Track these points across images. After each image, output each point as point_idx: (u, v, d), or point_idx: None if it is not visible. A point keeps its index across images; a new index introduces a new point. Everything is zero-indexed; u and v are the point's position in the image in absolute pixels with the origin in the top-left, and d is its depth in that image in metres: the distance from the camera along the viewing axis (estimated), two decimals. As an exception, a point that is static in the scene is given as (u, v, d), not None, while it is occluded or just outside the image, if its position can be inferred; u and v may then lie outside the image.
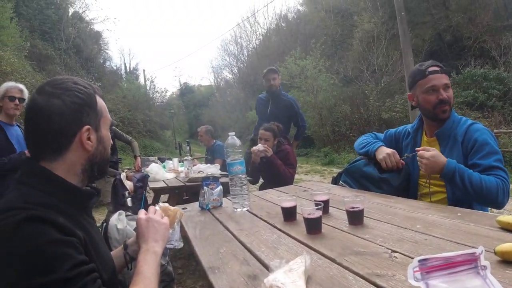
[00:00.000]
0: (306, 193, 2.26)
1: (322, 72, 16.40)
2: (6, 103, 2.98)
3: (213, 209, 2.07)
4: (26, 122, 0.97)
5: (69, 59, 18.02)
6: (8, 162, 2.87)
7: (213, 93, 40.21)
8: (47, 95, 0.94)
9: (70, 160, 0.97)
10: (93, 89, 1.04)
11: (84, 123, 0.97)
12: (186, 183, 3.53)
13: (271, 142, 3.56)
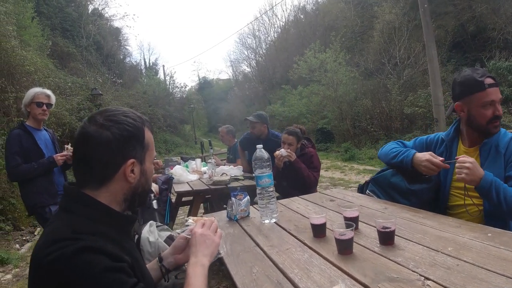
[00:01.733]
0: (333, 204, 2.26)
1: (342, 65, 16.19)
2: (34, 108, 3.06)
3: (240, 220, 2.11)
4: (75, 148, 1.02)
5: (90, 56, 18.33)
6: (38, 166, 2.97)
7: (231, 87, 40.32)
8: (97, 126, 0.98)
9: (113, 189, 1.01)
10: (142, 122, 1.07)
11: (129, 156, 1.01)
12: (210, 186, 3.57)
13: (294, 146, 3.55)
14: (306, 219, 1.96)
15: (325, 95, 16.47)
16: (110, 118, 1.00)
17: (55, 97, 9.01)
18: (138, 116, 1.08)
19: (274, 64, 30.75)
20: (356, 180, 8.10)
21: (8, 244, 5.73)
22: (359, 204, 2.13)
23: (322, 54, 17.41)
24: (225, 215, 2.22)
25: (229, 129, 5.54)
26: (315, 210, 2.14)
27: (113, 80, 20.27)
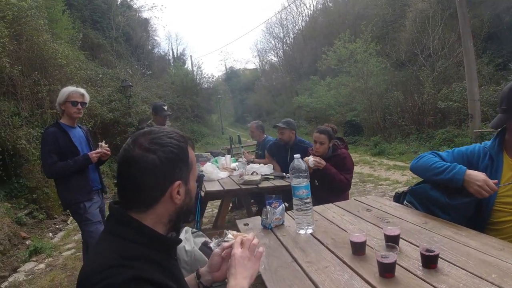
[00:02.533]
0: (370, 215, 2.20)
1: (372, 56, 15.75)
2: (69, 107, 3.10)
3: (275, 228, 2.10)
4: (120, 172, 1.01)
5: (120, 47, 18.61)
6: (73, 164, 3.03)
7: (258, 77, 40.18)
8: (142, 149, 0.97)
9: (159, 212, 1.02)
10: (185, 141, 1.07)
11: (176, 179, 1.01)
12: (241, 186, 3.57)
13: (326, 145, 3.49)
14: (343, 231, 1.93)
15: (355, 86, 16.06)
16: (155, 141, 1.00)
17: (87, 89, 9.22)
18: (181, 136, 1.07)
19: (302, 54, 30.32)
20: (386, 177, 7.93)
21: (41, 233, 5.97)
22: (397, 216, 2.09)
23: (352, 44, 16.99)
24: (258, 221, 2.22)
25: (259, 124, 5.52)
26: (352, 221, 2.11)
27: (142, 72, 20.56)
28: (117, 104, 11.60)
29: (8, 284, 4.08)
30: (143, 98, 14.55)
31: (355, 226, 2.01)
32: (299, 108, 23.58)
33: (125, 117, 11.63)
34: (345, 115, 17.40)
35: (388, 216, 2.11)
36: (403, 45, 15.88)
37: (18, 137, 6.13)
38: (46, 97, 7.10)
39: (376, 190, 6.74)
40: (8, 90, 6.41)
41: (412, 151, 10.65)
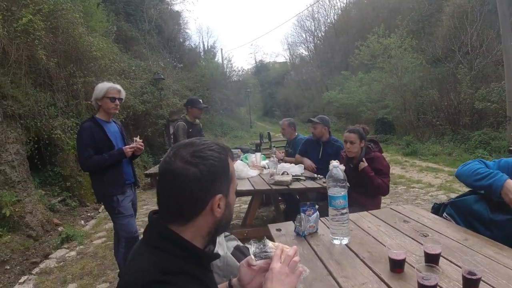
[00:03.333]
0: (408, 227, 2.09)
1: (407, 51, 15.22)
2: (107, 103, 3.16)
3: (309, 236, 2.04)
4: (161, 185, 1.01)
5: (152, 40, 18.81)
6: (109, 158, 3.09)
7: (287, 70, 39.83)
8: (184, 162, 0.96)
9: (199, 225, 1.01)
10: (226, 153, 1.05)
11: (217, 192, 1.00)
12: (272, 186, 3.51)
13: (357, 144, 3.41)
14: (380, 245, 1.85)
15: (388, 83, 15.56)
16: (196, 154, 0.98)
17: (120, 81, 9.37)
18: (221, 148, 1.05)
19: (333, 48, 29.75)
20: (418, 179, 7.66)
21: (73, 220, 6.15)
22: (436, 230, 1.99)
23: (386, 39, 16.49)
24: (291, 228, 2.16)
25: (291, 121, 5.46)
26: (389, 233, 2.01)
27: (174, 64, 20.78)
28: (149, 96, 11.79)
29: (40, 270, 4.21)
30: (174, 91, 14.71)
31: (392, 239, 1.92)
32: (329, 103, 23.21)
33: (156, 109, 11.81)
34: (377, 113, 16.96)
35: (426, 230, 2.01)
36: (439, 40, 15.22)
37: (53, 127, 6.33)
38: (81, 88, 7.27)
39: (408, 193, 6.53)
40: (44, 81, 6.60)
41: (446, 153, 10.26)
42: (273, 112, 38.92)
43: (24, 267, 4.33)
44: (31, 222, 5.01)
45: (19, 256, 4.51)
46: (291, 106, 35.07)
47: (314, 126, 4.48)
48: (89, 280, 3.90)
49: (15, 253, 4.51)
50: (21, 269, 4.27)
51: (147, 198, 7.73)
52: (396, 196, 6.38)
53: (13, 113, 5.43)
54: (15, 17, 5.85)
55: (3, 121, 5.24)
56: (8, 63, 5.59)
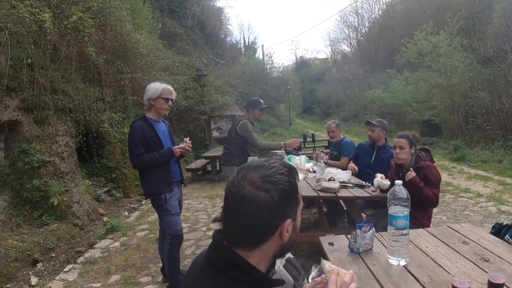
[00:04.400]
0: (468, 249, 1.94)
1: (457, 50, 14.42)
2: (161, 103, 3.21)
3: (363, 253, 1.95)
4: (230, 209, 0.98)
5: (195, 36, 19.07)
6: (158, 157, 3.14)
7: (328, 67, 39.14)
8: (255, 187, 0.94)
9: (266, 249, 0.99)
10: (294, 176, 1.02)
11: (287, 217, 0.98)
12: (319, 193, 3.39)
13: (406, 149, 3.23)
14: (441, 269, 1.72)
15: (436, 83, 14.79)
16: (267, 179, 0.96)
17: (165, 77, 9.56)
18: (289, 170, 1.02)
19: (377, 44, 28.88)
20: (466, 187, 7.24)
21: (118, 210, 6.33)
22: (497, 254, 1.84)
23: (434, 37, 15.72)
24: (345, 242, 2.08)
25: (337, 123, 5.31)
26: (448, 256, 1.87)
27: (216, 61, 21.00)
28: (191, 92, 11.97)
29: (84, 260, 4.36)
30: (216, 87, 14.85)
31: (452, 263, 1.78)
32: (372, 102, 22.55)
33: (199, 105, 11.98)
34: (423, 114, 16.23)
35: (487, 254, 1.86)
36: (490, 39, 14.30)
37: (101, 121, 6.53)
38: (128, 84, 7.46)
39: (456, 203, 6.17)
40: (93, 77, 6.80)
41: (496, 160, 9.63)
42: (313, 109, 38.43)
43: (69, 255, 4.49)
44: (77, 212, 5.20)
45: (65, 244, 4.69)
46: (331, 104, 34.47)
47: (371, 129, 4.35)
48: (132, 273, 3.98)
49: (61, 241, 4.69)
50: (66, 257, 4.44)
51: (188, 193, 7.83)
52: (444, 205, 6.05)
53: (64, 107, 5.63)
54: (65, 14, 6.05)
55: (54, 114, 5.43)
56: (59, 59, 5.78)
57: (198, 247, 4.66)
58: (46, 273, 4.08)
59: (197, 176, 9.45)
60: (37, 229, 4.70)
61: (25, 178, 4.93)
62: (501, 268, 1.55)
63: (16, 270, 3.96)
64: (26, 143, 4.96)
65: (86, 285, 3.74)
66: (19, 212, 4.79)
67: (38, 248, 4.33)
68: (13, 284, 3.79)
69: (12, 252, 4.03)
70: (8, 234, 4.34)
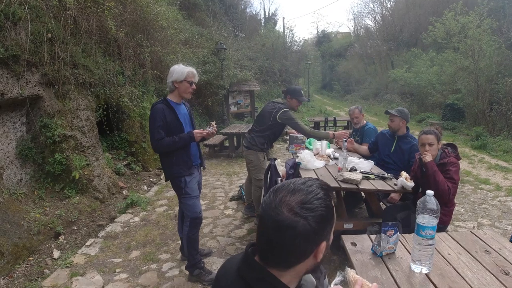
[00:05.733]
0: (490, 259, 1.92)
1: (486, 33, 13.80)
2: (186, 87, 3.17)
3: (385, 257, 1.94)
4: (267, 232, 0.98)
5: (214, 6, 18.66)
6: (179, 140, 3.13)
7: (351, 43, 38.02)
8: (293, 214, 0.93)
9: (299, 269, 1.01)
10: (331, 199, 1.01)
11: (323, 240, 0.99)
12: (340, 184, 3.35)
13: (435, 146, 3.17)
14: (462, 280, 1.72)
15: (462, 65, 14.27)
16: (305, 206, 0.95)
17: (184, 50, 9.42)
18: (326, 192, 1.00)
19: (403, 21, 27.78)
20: (486, 178, 7.08)
21: (137, 184, 6.45)
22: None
23: (464, 17, 15.06)
24: (367, 243, 2.09)
25: (360, 108, 5.19)
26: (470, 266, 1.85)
27: (235, 34, 20.64)
28: (210, 67, 11.85)
29: (105, 234, 4.48)
30: (235, 61, 14.66)
31: (473, 273, 1.77)
32: (394, 81, 22.01)
33: (217, 80, 11.86)
34: (446, 97, 15.78)
35: (508, 266, 1.86)
36: (519, 23, 13.66)
37: (121, 95, 6.55)
38: (147, 58, 7.42)
39: (475, 195, 6.07)
40: (113, 51, 6.77)
41: (517, 151, 9.36)
42: (332, 85, 37.73)
43: (91, 229, 4.62)
44: (98, 185, 5.31)
45: (86, 218, 4.82)
46: (351, 81, 33.76)
47: (391, 119, 4.23)
48: (151, 249, 4.09)
49: (83, 214, 4.82)
50: (88, 231, 4.57)
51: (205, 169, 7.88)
52: (462, 196, 5.96)
53: (84, 81, 5.65)
54: (85, -13, 5.97)
55: (74, 89, 5.46)
56: (79, 33, 5.75)
57: (216, 226, 4.76)
58: (68, 246, 4.21)
59: (214, 152, 9.51)
60: (59, 202, 4.83)
61: (47, 152, 5.03)
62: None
63: (39, 244, 4.08)
64: (47, 117, 5.02)
65: (108, 260, 3.86)
66: (41, 185, 4.92)
67: (60, 221, 4.46)
68: (35, 257, 3.92)
69: (35, 226, 4.15)
70: (30, 207, 4.46)
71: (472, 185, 6.66)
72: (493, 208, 5.42)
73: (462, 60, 14.30)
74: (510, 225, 4.78)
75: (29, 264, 3.78)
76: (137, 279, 3.49)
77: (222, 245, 4.21)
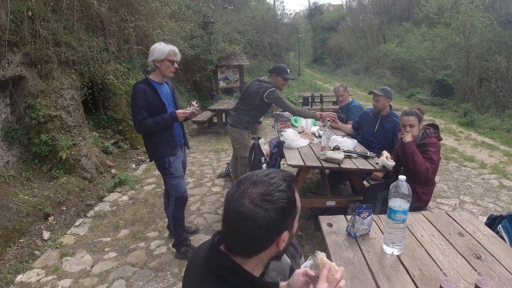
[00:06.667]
0: (463, 242, 1.97)
1: (479, 9, 13.70)
2: (167, 66, 3.12)
3: (359, 238, 2.00)
4: (229, 221, 1.02)
5: (201, -26, 18.11)
6: (162, 121, 3.12)
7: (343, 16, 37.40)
8: (254, 205, 0.96)
9: (262, 257, 1.05)
10: (293, 190, 1.04)
11: (284, 230, 1.02)
12: (322, 163, 3.40)
13: (417, 127, 3.23)
14: (432, 262, 1.77)
15: (453, 41, 14.21)
16: (266, 198, 0.98)
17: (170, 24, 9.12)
18: (289, 184, 1.04)
19: (397, -6, 27.38)
20: (471, 155, 7.22)
21: (125, 162, 6.46)
22: (490, 252, 1.87)
23: (457, -8, 14.94)
24: (343, 223, 2.15)
25: (345, 86, 5.22)
26: (442, 248, 1.90)
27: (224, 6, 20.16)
28: (198, 41, 11.62)
29: (94, 214, 4.54)
30: (224, 35, 14.37)
31: (445, 256, 1.82)
32: (385, 55, 21.90)
33: (205, 54, 11.65)
34: (436, 73, 15.80)
35: (480, 250, 1.89)
36: (512, 0, 13.56)
37: (106, 72, 6.44)
38: (132, 33, 7.25)
39: (459, 172, 6.20)
40: (96, 26, 6.57)
41: (505, 129, 9.47)
42: (323, 59, 37.40)
43: (80, 209, 4.66)
44: (86, 165, 5.31)
45: (75, 198, 4.84)
46: (343, 55, 33.47)
47: (376, 99, 4.18)
48: (139, 227, 4.17)
49: (71, 194, 4.84)
50: (77, 211, 4.60)
51: (194, 146, 7.92)
52: (446, 173, 6.09)
53: (67, 59, 5.52)
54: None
55: (58, 68, 5.34)
56: (60, 9, 5.56)
57: (203, 203, 4.83)
58: (57, 227, 4.25)
59: (202, 129, 9.48)
60: (47, 183, 4.83)
61: (33, 133, 4.99)
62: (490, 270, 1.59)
63: (29, 225, 4.11)
64: (31, 98, 4.94)
65: (97, 240, 3.92)
66: (29, 167, 4.90)
67: (49, 202, 4.48)
68: (26, 239, 3.95)
69: (24, 207, 4.16)
70: (19, 189, 4.46)
71: (457, 162, 6.79)
72: (476, 186, 5.54)
73: (453, 36, 14.24)
74: (492, 203, 4.89)
75: (19, 246, 3.82)
76: (126, 257, 3.57)
77: (209, 222, 4.30)
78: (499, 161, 6.86)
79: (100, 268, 3.40)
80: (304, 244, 3.79)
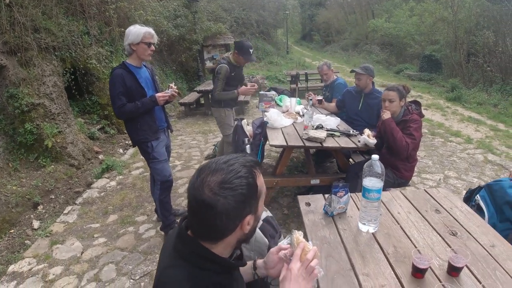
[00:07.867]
0: (439, 219, 2.01)
1: (467, -18, 13.57)
2: (144, 49, 3.06)
3: (336, 216, 2.05)
4: (192, 209, 1.04)
5: None
6: (141, 105, 3.10)
7: (332, -10, 36.92)
8: (213, 194, 0.98)
9: (229, 241, 1.08)
10: (253, 175, 1.06)
11: (246, 214, 1.05)
12: (305, 143, 3.44)
13: (397, 103, 3.27)
14: (407, 239, 1.81)
15: (441, 16, 14.14)
16: (224, 185, 0.99)
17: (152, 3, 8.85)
18: (249, 170, 1.06)
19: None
20: (457, 130, 7.30)
21: (112, 148, 6.44)
22: (466, 228, 1.91)
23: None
24: (321, 201, 2.20)
25: (328, 63, 5.19)
26: (418, 225, 1.94)
27: (210, -16, 19.70)
28: (182, 20, 11.38)
29: (83, 200, 4.55)
30: (209, 13, 14.08)
31: (420, 233, 1.86)
32: (373, 31, 21.76)
33: (190, 34, 11.42)
34: (424, 48, 15.77)
35: (456, 226, 1.93)
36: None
37: (88, 57, 6.33)
38: (113, 15, 7.08)
39: (444, 148, 6.28)
40: (76, 10, 6.42)
41: (491, 103, 9.55)
42: (312, 36, 37.04)
43: (68, 196, 4.67)
44: (72, 152, 5.28)
45: (63, 186, 4.84)
46: (331, 31, 33.17)
47: (358, 77, 4.21)
48: (128, 212, 4.20)
49: (59, 182, 4.84)
50: (65, 199, 4.61)
51: (181, 128, 7.89)
52: (432, 149, 6.17)
53: (47, 45, 5.42)
54: None
55: (38, 55, 5.25)
56: (38, -6, 5.43)
57: (191, 186, 4.84)
58: (47, 215, 4.27)
59: (190, 111, 9.41)
60: (34, 172, 4.82)
61: (17, 122, 4.94)
62: (465, 247, 1.65)
63: (18, 215, 4.12)
64: (13, 87, 4.87)
65: (86, 226, 3.96)
66: (15, 157, 4.87)
67: (37, 191, 4.48)
68: (16, 229, 3.97)
69: (13, 198, 4.16)
70: (6, 180, 4.44)
71: (443, 137, 6.87)
72: (461, 161, 5.63)
73: (441, 11, 14.16)
74: (476, 178, 4.97)
75: (10, 236, 3.85)
76: (115, 242, 3.62)
77: (196, 205, 4.34)
78: (485, 135, 6.95)
79: (90, 254, 3.44)
80: (290, 222, 3.87)
